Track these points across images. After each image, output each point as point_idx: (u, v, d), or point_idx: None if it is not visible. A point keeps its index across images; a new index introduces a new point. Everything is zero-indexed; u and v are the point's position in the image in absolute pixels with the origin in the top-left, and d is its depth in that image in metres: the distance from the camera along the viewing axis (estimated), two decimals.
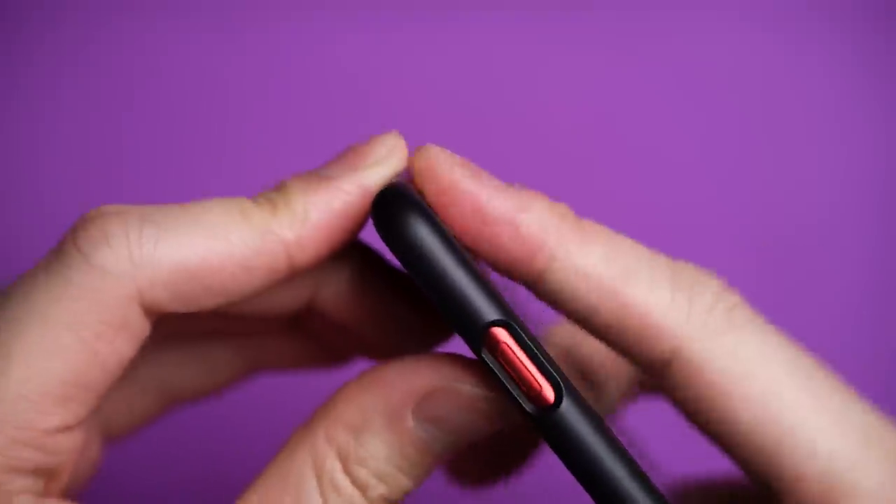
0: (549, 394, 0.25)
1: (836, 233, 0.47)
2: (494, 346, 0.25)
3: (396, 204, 0.26)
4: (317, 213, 0.27)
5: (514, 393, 0.25)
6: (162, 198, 0.47)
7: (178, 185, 0.47)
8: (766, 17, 0.48)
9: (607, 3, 0.48)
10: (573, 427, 0.25)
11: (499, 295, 0.26)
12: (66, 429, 0.25)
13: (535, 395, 0.25)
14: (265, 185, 0.49)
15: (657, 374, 0.28)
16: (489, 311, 0.25)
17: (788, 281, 0.47)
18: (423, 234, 0.25)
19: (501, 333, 0.25)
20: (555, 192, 0.48)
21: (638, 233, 0.47)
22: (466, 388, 0.26)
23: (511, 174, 0.47)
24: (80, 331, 0.25)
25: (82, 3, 0.48)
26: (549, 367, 0.25)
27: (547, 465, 0.27)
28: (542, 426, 0.25)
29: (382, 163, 0.27)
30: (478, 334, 0.25)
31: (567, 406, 0.25)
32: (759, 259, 0.47)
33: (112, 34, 0.48)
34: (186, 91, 0.48)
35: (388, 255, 0.27)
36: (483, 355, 0.25)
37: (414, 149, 0.28)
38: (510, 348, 0.25)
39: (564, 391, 0.25)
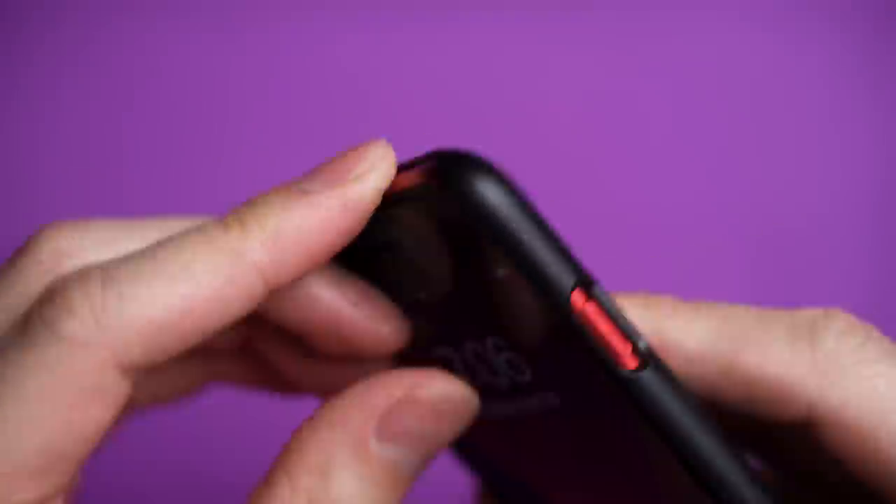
0: (633, 359, 0.25)
1: (836, 233, 0.47)
2: (590, 300, 0.25)
3: (473, 168, 0.25)
4: (292, 231, 0.25)
5: (604, 356, 0.25)
6: (162, 198, 0.47)
7: (177, 184, 0.47)
8: (766, 17, 0.48)
9: (607, 3, 0.48)
10: (661, 392, 0.25)
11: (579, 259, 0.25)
12: (45, 501, 0.25)
13: (624, 358, 0.25)
14: (262, 185, 0.49)
15: (802, 434, 0.27)
16: (575, 272, 0.25)
17: (789, 281, 0.47)
18: (506, 197, 0.25)
19: (597, 289, 0.25)
20: (555, 191, 0.48)
21: (639, 232, 0.47)
22: (423, 392, 0.25)
23: (511, 174, 0.47)
24: (53, 403, 0.25)
25: (82, 3, 0.48)
26: (632, 329, 0.25)
27: None
28: (632, 390, 0.25)
29: (367, 176, 0.26)
30: (567, 295, 0.25)
31: (653, 371, 0.25)
32: (759, 259, 0.47)
33: (112, 34, 0.48)
34: (187, 91, 0.48)
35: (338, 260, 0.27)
36: (573, 316, 0.25)
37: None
38: (601, 307, 0.25)
39: (649, 356, 0.25)
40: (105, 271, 0.25)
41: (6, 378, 0.25)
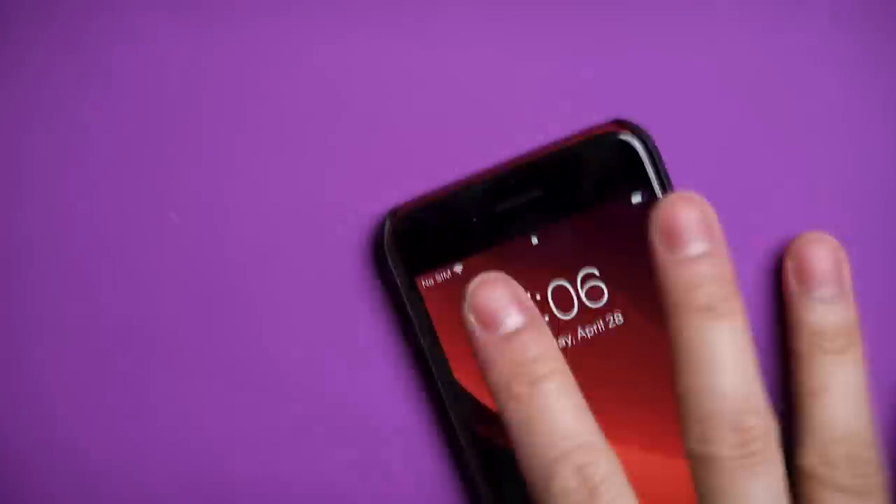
0: None
1: (835, 235, 0.47)
2: None
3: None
4: None
5: None
6: (160, 198, 0.47)
7: (173, 183, 0.47)
8: (767, 16, 0.48)
9: (603, 4, 0.47)
10: None
11: None
12: None
13: None
14: (259, 182, 0.49)
15: None
16: None
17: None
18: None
19: None
20: None
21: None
22: None
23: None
24: None
25: (77, 3, 0.47)
26: None
27: None
28: None
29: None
30: None
31: None
32: (760, 259, 0.47)
33: (104, 34, 0.47)
34: (179, 91, 0.47)
35: None
36: None
37: None
38: None
39: None
40: None
41: None
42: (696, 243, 0.40)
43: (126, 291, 0.47)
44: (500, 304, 0.39)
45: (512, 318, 0.39)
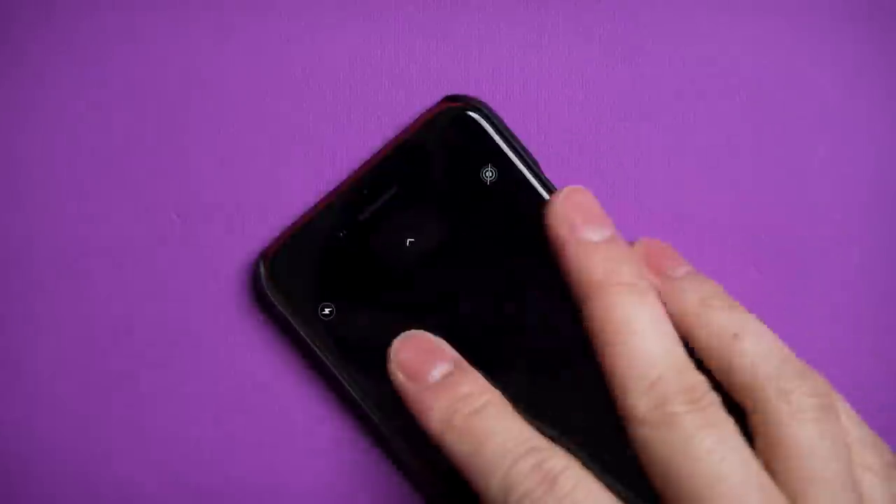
0: None
1: (836, 235, 0.47)
2: None
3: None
4: None
5: None
6: (156, 196, 0.47)
7: (173, 183, 0.47)
8: (767, 15, 0.48)
9: (609, 1, 0.48)
10: None
11: None
12: None
13: None
14: (259, 181, 0.49)
15: None
16: None
17: (802, 278, 0.47)
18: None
19: None
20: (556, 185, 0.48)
21: (641, 234, 0.46)
22: None
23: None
24: None
25: (77, 3, 0.47)
26: None
27: None
28: None
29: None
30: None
31: None
32: (770, 258, 0.47)
33: (103, 34, 0.47)
34: (178, 91, 0.47)
35: None
36: None
37: None
38: None
39: None
40: None
41: None
42: (604, 228, 0.42)
43: (125, 292, 0.47)
44: (426, 356, 0.42)
45: (439, 368, 0.41)
